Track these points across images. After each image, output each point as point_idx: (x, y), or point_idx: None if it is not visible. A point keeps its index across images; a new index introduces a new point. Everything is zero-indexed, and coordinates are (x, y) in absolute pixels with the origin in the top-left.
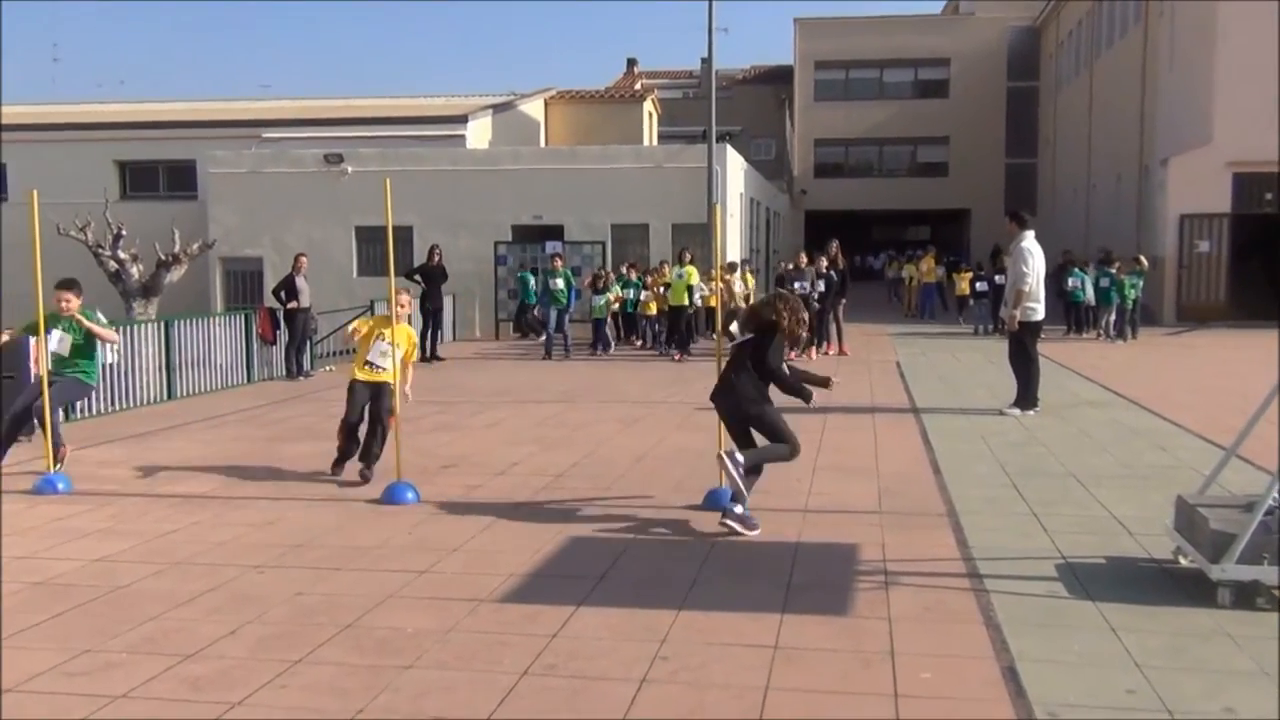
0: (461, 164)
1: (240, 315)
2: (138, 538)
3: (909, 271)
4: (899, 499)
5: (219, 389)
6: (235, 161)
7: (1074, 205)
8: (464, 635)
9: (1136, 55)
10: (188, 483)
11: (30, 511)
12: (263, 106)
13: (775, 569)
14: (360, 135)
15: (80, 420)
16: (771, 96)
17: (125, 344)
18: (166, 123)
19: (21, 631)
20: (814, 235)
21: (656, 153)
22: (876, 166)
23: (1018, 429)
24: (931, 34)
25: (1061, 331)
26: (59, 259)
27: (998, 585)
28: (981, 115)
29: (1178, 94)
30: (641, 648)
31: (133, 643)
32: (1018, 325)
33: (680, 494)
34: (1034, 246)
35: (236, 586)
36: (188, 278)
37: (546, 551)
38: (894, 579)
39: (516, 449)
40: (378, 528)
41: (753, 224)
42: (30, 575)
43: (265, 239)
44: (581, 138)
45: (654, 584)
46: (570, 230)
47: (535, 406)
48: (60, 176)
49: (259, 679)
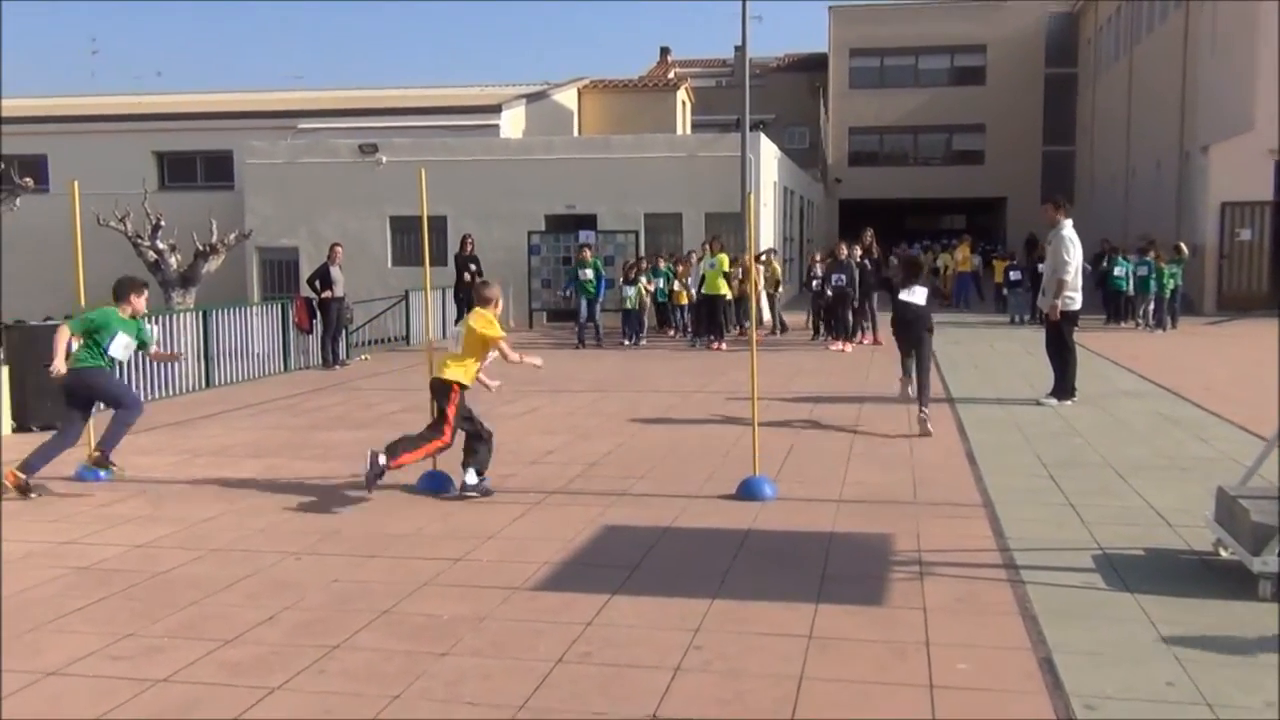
0: (495, 154)
1: (277, 305)
2: (177, 524)
3: (944, 261)
4: (934, 489)
5: (256, 378)
6: (271, 152)
7: (1112, 193)
8: (498, 623)
9: (1177, 41)
10: (226, 470)
11: (73, 498)
12: (299, 97)
13: (809, 559)
14: (395, 125)
15: None
16: (806, 84)
17: (164, 333)
18: (204, 114)
19: (66, 615)
20: (848, 224)
21: (690, 141)
22: (911, 155)
23: (1055, 419)
24: (968, 20)
25: (1101, 321)
26: (99, 249)
27: (1034, 576)
28: (1018, 102)
29: (1219, 80)
30: (675, 636)
31: (173, 627)
32: (1058, 315)
33: (713, 484)
34: (1073, 235)
35: (274, 573)
36: (225, 268)
37: (580, 540)
38: (929, 569)
39: (550, 438)
40: (412, 516)
41: (786, 213)
42: (74, 561)
43: (301, 229)
44: (615, 127)
45: (687, 573)
46: (603, 220)
47: (568, 396)
48: (100, 167)
49: (297, 664)
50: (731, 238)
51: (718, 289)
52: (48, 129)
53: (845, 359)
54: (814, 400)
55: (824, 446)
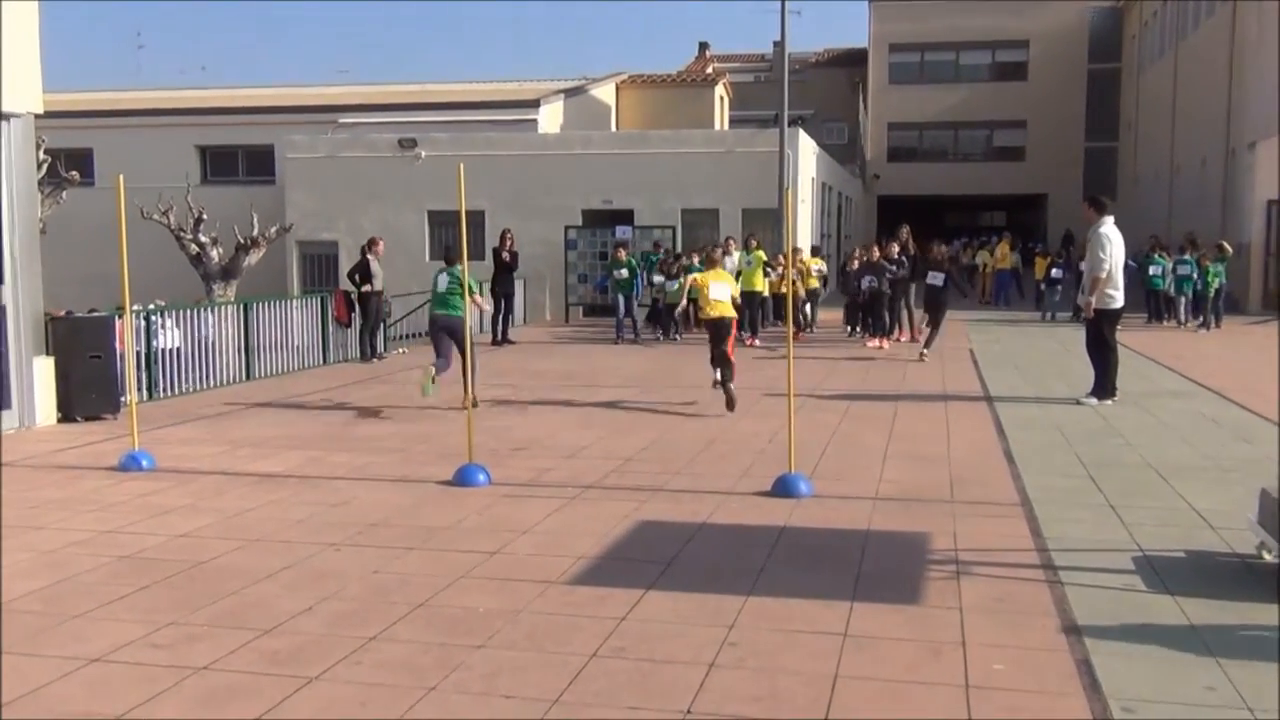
0: (533, 148)
1: (316, 298)
2: (218, 515)
3: (983, 258)
4: (971, 488)
5: (295, 370)
6: (312, 146)
7: (1156, 190)
8: (534, 616)
9: (1224, 36)
10: (266, 462)
11: (116, 488)
12: (339, 92)
13: (845, 557)
14: (434, 120)
15: (162, 400)
16: (845, 80)
17: (206, 325)
18: (246, 108)
19: (109, 603)
20: (887, 221)
21: (727, 137)
22: (951, 151)
23: (1095, 419)
24: (1010, 15)
25: (1142, 320)
26: (142, 242)
27: (1073, 577)
28: (1061, 98)
29: (1266, 75)
30: (710, 632)
31: (214, 616)
32: (1094, 312)
33: (749, 480)
34: (1113, 232)
35: (313, 564)
36: (265, 261)
37: (615, 535)
38: (966, 569)
39: (586, 433)
40: (450, 509)
41: (824, 209)
42: (118, 549)
43: (341, 223)
44: (653, 122)
45: (722, 569)
46: (640, 215)
47: (605, 390)
48: (144, 161)
49: (335, 654)
50: (768, 234)
51: (754, 285)
52: (94, 123)
53: (881, 356)
54: (850, 397)
55: (860, 444)
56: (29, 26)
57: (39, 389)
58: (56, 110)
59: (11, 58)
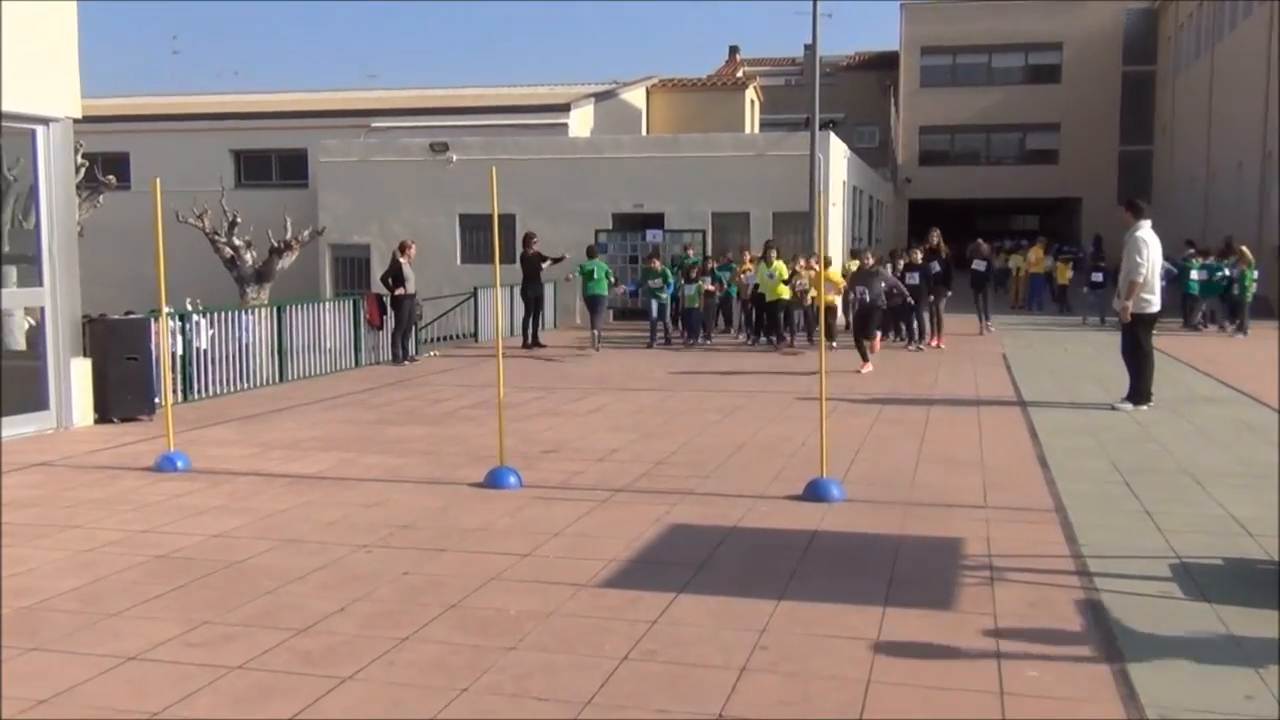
0: (564, 152)
1: (348, 301)
2: (252, 515)
3: (1016, 262)
4: (1005, 493)
5: (328, 372)
6: (345, 150)
7: (1192, 194)
8: (565, 619)
9: (1261, 36)
10: (299, 463)
11: (152, 488)
12: (372, 96)
13: (878, 562)
14: (465, 124)
15: (197, 401)
16: (876, 83)
17: (239, 328)
18: (280, 113)
19: (146, 602)
20: (918, 224)
21: (758, 140)
22: (983, 154)
23: (1130, 424)
24: (1044, 18)
25: (1179, 324)
26: (178, 245)
27: (1109, 584)
28: (1095, 101)
29: None
30: (741, 636)
31: (248, 616)
32: (1129, 317)
33: (780, 484)
34: (1149, 236)
35: (346, 565)
36: (298, 264)
37: (646, 538)
38: (1000, 575)
39: (617, 436)
40: (481, 511)
41: (855, 213)
42: (154, 549)
43: (373, 226)
44: (683, 126)
45: (754, 573)
46: (671, 218)
47: (635, 394)
48: (179, 165)
49: (368, 655)
50: (799, 237)
51: (779, 294)
52: (130, 128)
53: (914, 360)
54: (882, 402)
55: (892, 448)
56: (67, 32)
57: (76, 390)
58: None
59: (50, 64)
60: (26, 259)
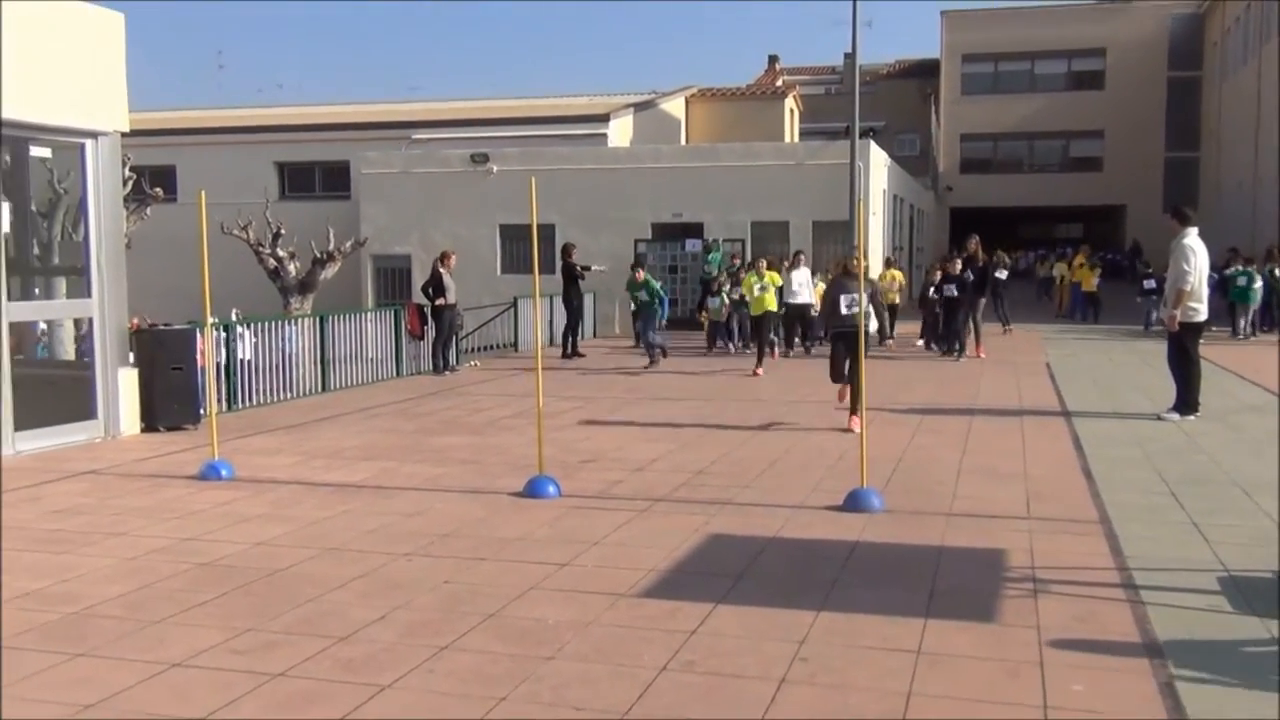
0: (603, 162)
1: (390, 311)
2: (295, 523)
3: (1060, 270)
4: (1048, 504)
5: (369, 382)
6: (386, 162)
7: (1239, 201)
8: (604, 629)
9: None
10: (341, 472)
11: (196, 496)
12: (413, 108)
13: (918, 573)
14: (505, 135)
15: (241, 411)
16: (916, 91)
17: (282, 338)
18: (323, 125)
19: (190, 609)
20: (959, 233)
21: (798, 149)
22: (1026, 161)
23: (1177, 434)
24: (1086, 23)
25: (1227, 333)
26: (222, 256)
27: (1155, 597)
28: (1139, 107)
29: None
30: (780, 648)
31: (290, 624)
32: (1177, 326)
33: (819, 494)
34: (1197, 244)
35: (386, 573)
36: (341, 274)
37: (685, 548)
38: (1043, 587)
39: (655, 446)
40: (520, 520)
41: (896, 221)
42: (198, 556)
43: (414, 237)
44: (722, 135)
45: (793, 584)
46: (710, 228)
47: (674, 404)
48: (225, 178)
49: (408, 663)
50: (839, 246)
51: (766, 306)
52: (177, 141)
53: (956, 370)
54: (923, 411)
55: (934, 459)
56: (115, 49)
57: (123, 399)
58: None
59: (99, 79)
60: (76, 270)
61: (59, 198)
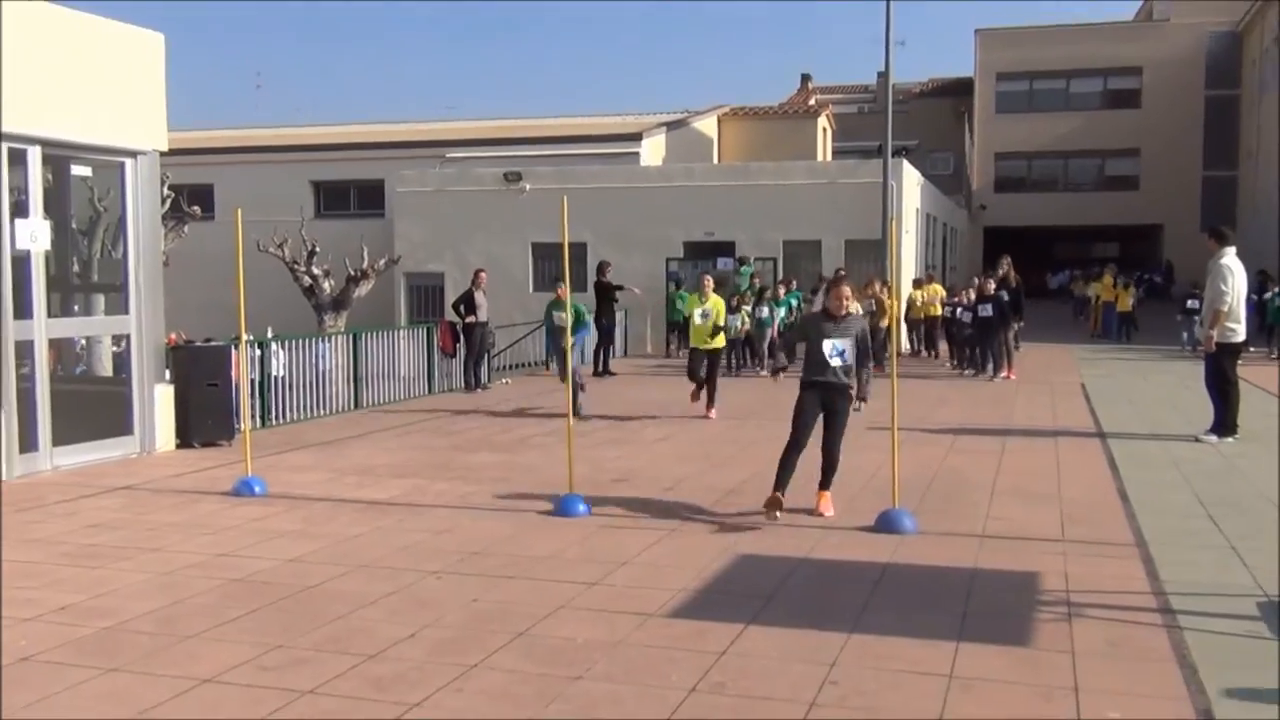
0: (635, 181)
1: (422, 329)
2: (326, 540)
3: (1096, 289)
4: (1083, 527)
5: (402, 399)
6: (421, 180)
7: (1275, 220)
8: (632, 649)
9: None
10: (372, 489)
11: (230, 512)
12: (447, 128)
13: (951, 596)
14: (538, 154)
15: (276, 427)
16: (950, 110)
17: (317, 356)
18: (358, 144)
19: (221, 625)
20: (994, 251)
21: (830, 168)
22: (1061, 180)
23: (1215, 457)
24: (1122, 42)
25: (1266, 354)
26: (259, 273)
27: (1192, 622)
28: (1176, 126)
29: None
30: (811, 670)
31: (320, 641)
32: (1214, 346)
33: (851, 515)
34: (1235, 264)
35: (416, 591)
36: (374, 292)
37: (715, 568)
38: (1078, 610)
39: (686, 465)
40: (550, 539)
41: (929, 240)
42: (231, 572)
43: (447, 255)
44: (755, 154)
45: (824, 606)
46: (742, 246)
47: (705, 423)
48: (261, 196)
49: (436, 681)
50: (872, 265)
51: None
52: (215, 160)
53: (989, 391)
54: (956, 432)
55: (966, 480)
56: (155, 69)
57: (159, 415)
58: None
59: (139, 99)
60: (114, 287)
61: (99, 216)
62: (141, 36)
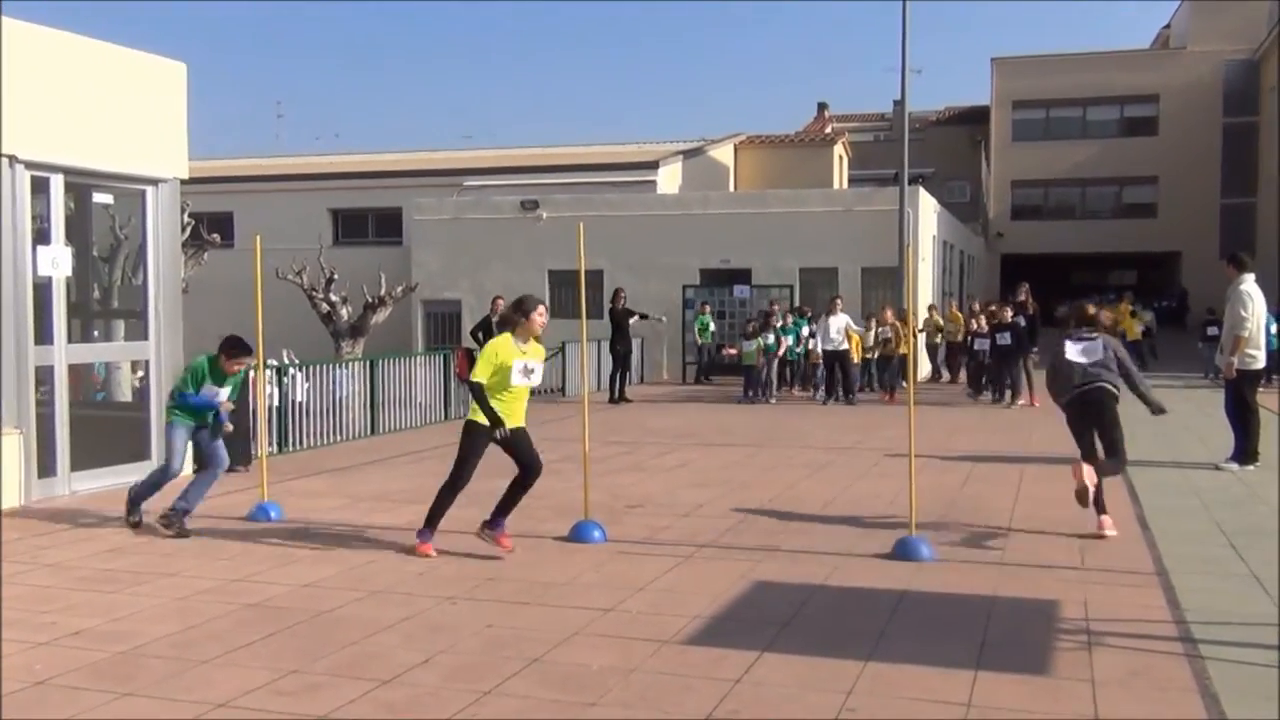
0: (652, 209)
1: (439, 355)
2: (341, 565)
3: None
4: (1103, 555)
5: (418, 425)
6: (438, 208)
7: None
8: (647, 675)
9: None
10: (388, 515)
11: (246, 537)
12: (465, 156)
13: (969, 624)
14: (555, 182)
15: (293, 453)
16: (966, 138)
17: (334, 382)
18: (377, 173)
19: (236, 650)
20: (1010, 279)
21: (846, 196)
22: (1078, 208)
23: (1236, 485)
24: (1139, 70)
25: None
26: (277, 300)
27: (1214, 651)
28: (1194, 153)
29: None
30: (827, 698)
31: (335, 666)
32: (1234, 373)
33: (868, 541)
34: (1254, 290)
35: (430, 616)
36: (392, 319)
37: (731, 595)
38: (1098, 639)
39: (702, 491)
40: (565, 565)
41: (946, 268)
42: (246, 597)
43: (464, 282)
44: (771, 182)
45: (840, 633)
46: (758, 274)
47: (721, 450)
48: (280, 224)
49: (451, 707)
50: (889, 291)
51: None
52: (234, 188)
53: (1007, 418)
54: (974, 459)
55: (984, 507)
56: (177, 98)
57: None
58: (201, 176)
59: (160, 127)
60: (134, 314)
61: (120, 243)
62: (163, 66)
